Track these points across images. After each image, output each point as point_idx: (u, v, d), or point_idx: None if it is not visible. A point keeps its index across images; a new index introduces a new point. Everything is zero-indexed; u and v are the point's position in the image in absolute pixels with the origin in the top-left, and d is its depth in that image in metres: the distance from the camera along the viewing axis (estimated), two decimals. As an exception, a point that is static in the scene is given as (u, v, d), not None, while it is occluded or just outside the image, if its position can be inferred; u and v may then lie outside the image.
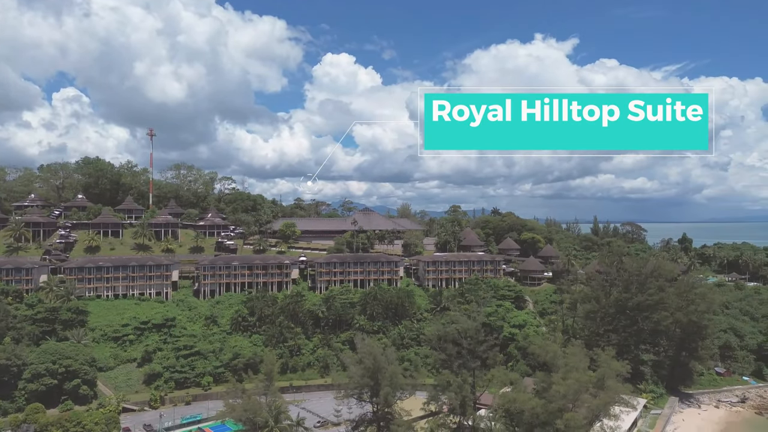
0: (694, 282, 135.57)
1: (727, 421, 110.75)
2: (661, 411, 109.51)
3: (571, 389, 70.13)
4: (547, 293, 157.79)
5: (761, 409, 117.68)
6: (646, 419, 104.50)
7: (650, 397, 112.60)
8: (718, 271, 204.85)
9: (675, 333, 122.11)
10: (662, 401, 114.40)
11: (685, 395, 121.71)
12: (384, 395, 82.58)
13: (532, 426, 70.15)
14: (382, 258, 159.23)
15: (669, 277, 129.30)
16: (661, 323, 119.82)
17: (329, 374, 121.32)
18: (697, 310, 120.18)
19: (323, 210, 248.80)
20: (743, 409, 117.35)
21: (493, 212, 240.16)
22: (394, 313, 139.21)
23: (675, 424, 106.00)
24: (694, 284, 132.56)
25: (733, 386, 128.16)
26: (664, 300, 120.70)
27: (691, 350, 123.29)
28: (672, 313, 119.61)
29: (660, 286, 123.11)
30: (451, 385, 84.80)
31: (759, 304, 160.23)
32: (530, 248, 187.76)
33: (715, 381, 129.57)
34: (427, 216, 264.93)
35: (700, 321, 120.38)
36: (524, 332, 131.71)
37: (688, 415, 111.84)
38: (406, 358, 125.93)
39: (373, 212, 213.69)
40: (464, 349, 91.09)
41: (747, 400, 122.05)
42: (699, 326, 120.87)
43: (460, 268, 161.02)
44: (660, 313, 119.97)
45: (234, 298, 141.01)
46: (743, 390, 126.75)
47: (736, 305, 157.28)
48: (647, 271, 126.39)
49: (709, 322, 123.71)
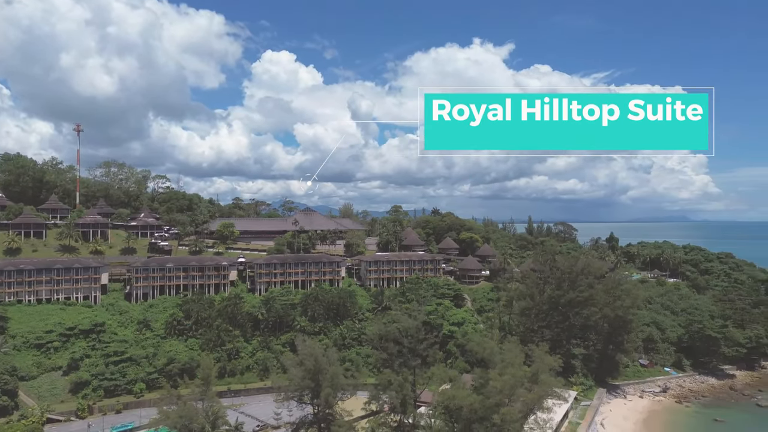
0: (620, 279, 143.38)
1: (650, 410, 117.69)
2: (591, 402, 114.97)
3: (507, 384, 72.30)
4: (484, 291, 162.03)
5: (681, 398, 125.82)
6: (576, 411, 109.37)
7: (580, 390, 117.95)
8: (642, 268, 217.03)
9: (603, 327, 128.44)
10: (591, 393, 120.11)
11: (612, 386, 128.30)
12: (325, 396, 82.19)
13: (471, 422, 71.78)
14: (323, 258, 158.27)
15: (598, 274, 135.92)
16: (591, 318, 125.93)
17: (269, 377, 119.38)
18: (623, 305, 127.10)
19: (263, 210, 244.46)
20: (665, 399, 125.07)
21: (434, 212, 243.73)
22: (335, 313, 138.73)
23: (603, 415, 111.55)
24: (620, 281, 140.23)
25: (656, 377, 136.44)
26: (593, 296, 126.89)
27: (617, 344, 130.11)
28: (600, 308, 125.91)
29: (589, 283, 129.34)
30: (392, 384, 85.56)
31: (678, 299, 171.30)
32: (469, 247, 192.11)
33: (640, 372, 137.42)
34: (369, 216, 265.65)
35: (625, 316, 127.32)
36: (463, 330, 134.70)
37: (615, 406, 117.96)
38: (348, 359, 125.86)
39: (314, 212, 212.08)
40: (405, 348, 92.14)
41: (668, 390, 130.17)
42: (625, 321, 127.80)
43: (402, 267, 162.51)
44: (589, 308, 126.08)
45: (168, 302, 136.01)
46: (665, 380, 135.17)
47: (658, 300, 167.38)
48: (578, 269, 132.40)
49: (633, 316, 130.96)
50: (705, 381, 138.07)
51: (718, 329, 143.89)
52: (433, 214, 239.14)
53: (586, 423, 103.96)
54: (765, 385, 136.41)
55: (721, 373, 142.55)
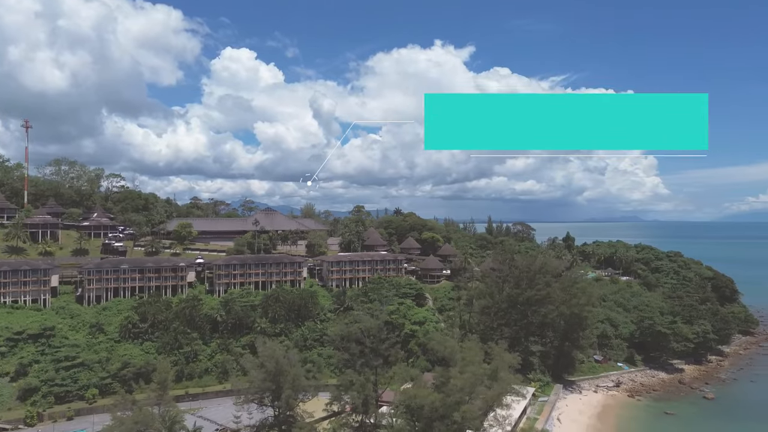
0: (576, 277, 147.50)
1: (604, 404, 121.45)
2: (548, 398, 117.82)
3: (467, 382, 73.30)
4: (445, 290, 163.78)
5: (633, 392, 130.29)
6: (534, 407, 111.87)
7: (538, 386, 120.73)
8: (597, 267, 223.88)
9: (560, 325, 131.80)
10: (549, 389, 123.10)
11: (568, 382, 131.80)
12: (286, 398, 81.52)
13: (432, 420, 72.42)
14: (284, 259, 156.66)
15: (555, 273, 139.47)
16: (548, 316, 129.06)
17: (228, 380, 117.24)
18: (578, 303, 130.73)
19: (222, 210, 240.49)
20: (618, 393, 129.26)
21: (396, 212, 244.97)
22: (297, 314, 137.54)
23: (559, 410, 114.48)
24: (576, 279, 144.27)
25: (610, 372, 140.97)
26: (550, 294, 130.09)
27: (573, 340, 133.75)
28: (557, 306, 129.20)
29: (547, 281, 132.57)
30: (353, 384, 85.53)
31: (631, 296, 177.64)
32: (430, 247, 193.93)
33: (594, 368, 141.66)
34: (331, 216, 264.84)
35: (581, 313, 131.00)
36: (424, 329, 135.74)
37: (571, 401, 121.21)
38: (309, 360, 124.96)
39: (275, 212, 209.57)
40: (367, 348, 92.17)
41: (621, 385, 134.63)
42: (580, 318, 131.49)
43: (364, 267, 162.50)
44: (547, 306, 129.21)
45: (123, 304, 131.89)
46: (618, 375, 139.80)
47: (611, 298, 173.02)
48: (536, 268, 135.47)
49: (588, 314, 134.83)
50: (655, 375, 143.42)
51: (667, 325, 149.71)
52: (396, 214, 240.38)
53: (543, 418, 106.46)
54: (711, 378, 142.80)
55: (671, 368, 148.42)
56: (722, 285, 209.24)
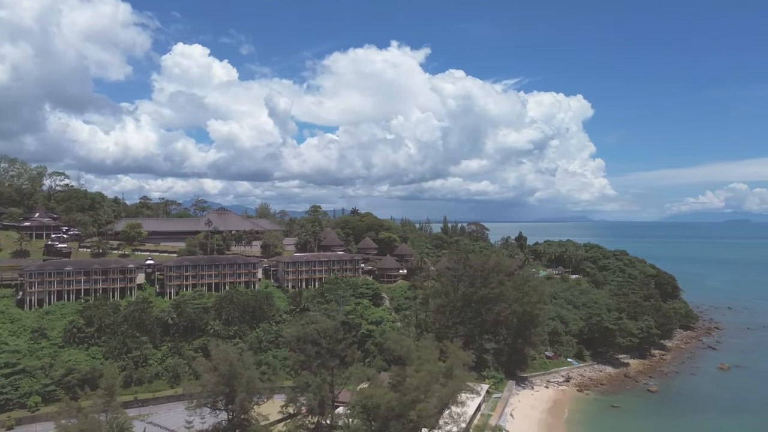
0: (528, 276, 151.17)
1: (555, 399, 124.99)
2: (501, 395, 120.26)
3: (423, 381, 74.01)
4: (402, 290, 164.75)
5: (582, 386, 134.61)
6: (488, 403, 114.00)
7: (492, 383, 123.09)
8: (547, 266, 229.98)
9: (512, 322, 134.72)
10: (502, 385, 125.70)
11: (521, 379, 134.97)
12: (240, 401, 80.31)
13: (388, 419, 72.74)
14: (239, 260, 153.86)
15: (507, 271, 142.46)
16: (501, 314, 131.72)
17: (180, 384, 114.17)
18: (530, 301, 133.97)
19: (173, 209, 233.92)
20: (568, 388, 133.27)
21: (353, 212, 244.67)
22: (251, 316, 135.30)
23: (512, 406, 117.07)
24: (528, 278, 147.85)
25: (560, 368, 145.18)
26: (503, 293, 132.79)
27: (525, 337, 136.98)
28: (510, 304, 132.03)
29: (500, 280, 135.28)
30: (310, 385, 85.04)
31: (580, 294, 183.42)
32: (387, 247, 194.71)
33: (545, 364, 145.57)
34: (287, 216, 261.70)
35: (533, 311, 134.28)
36: (381, 328, 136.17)
37: (523, 397, 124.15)
38: (265, 362, 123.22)
39: (229, 212, 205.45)
40: (323, 349, 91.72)
41: (571, 380, 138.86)
42: (532, 315, 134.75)
43: (320, 267, 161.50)
44: (500, 304, 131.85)
45: (68, 308, 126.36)
46: (567, 371, 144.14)
47: (561, 295, 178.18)
48: (489, 267, 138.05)
49: (540, 311, 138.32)
50: (603, 370, 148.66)
51: (614, 321, 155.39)
52: (353, 214, 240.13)
53: (497, 414, 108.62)
54: (655, 371, 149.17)
55: (617, 362, 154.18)
56: (665, 282, 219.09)
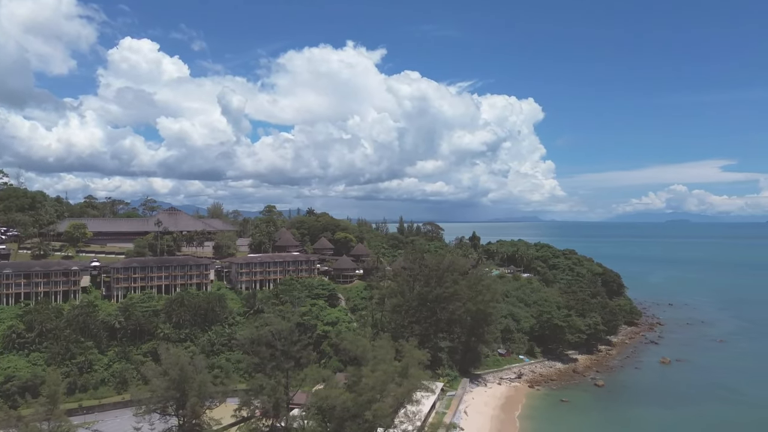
0: (481, 275, 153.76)
1: (507, 395, 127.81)
2: (455, 392, 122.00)
3: (379, 380, 74.23)
4: (358, 290, 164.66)
5: (533, 382, 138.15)
6: (443, 401, 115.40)
7: (446, 381, 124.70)
8: (500, 265, 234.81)
9: (466, 321, 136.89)
10: (456, 383, 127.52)
11: (474, 376, 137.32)
12: (191, 406, 78.40)
13: (343, 420, 72.60)
14: (190, 261, 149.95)
15: (462, 271, 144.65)
16: (456, 312, 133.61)
17: (128, 390, 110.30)
18: (484, 299, 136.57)
19: (120, 209, 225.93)
20: (520, 384, 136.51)
21: (309, 212, 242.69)
22: (203, 318, 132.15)
23: (466, 403, 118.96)
24: (481, 277, 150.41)
25: (512, 365, 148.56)
26: (458, 292, 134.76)
27: (479, 335, 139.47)
28: (464, 303, 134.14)
29: (454, 279, 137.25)
30: (264, 388, 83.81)
31: (531, 292, 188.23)
32: (343, 247, 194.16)
33: (498, 361, 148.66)
34: (240, 216, 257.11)
35: (486, 309, 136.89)
36: (337, 329, 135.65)
37: (477, 394, 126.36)
38: (217, 365, 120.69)
39: (180, 212, 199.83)
40: (278, 351, 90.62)
41: (522, 376, 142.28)
42: (485, 314, 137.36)
43: (275, 268, 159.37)
44: (454, 303, 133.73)
45: (6, 312, 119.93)
46: (519, 367, 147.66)
47: (513, 294, 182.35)
48: (444, 266, 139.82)
49: (493, 309, 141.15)
50: (553, 366, 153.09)
51: (563, 318, 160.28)
52: (308, 214, 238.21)
53: (451, 412, 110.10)
54: (601, 366, 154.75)
55: (566, 358, 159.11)
56: (610, 280, 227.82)
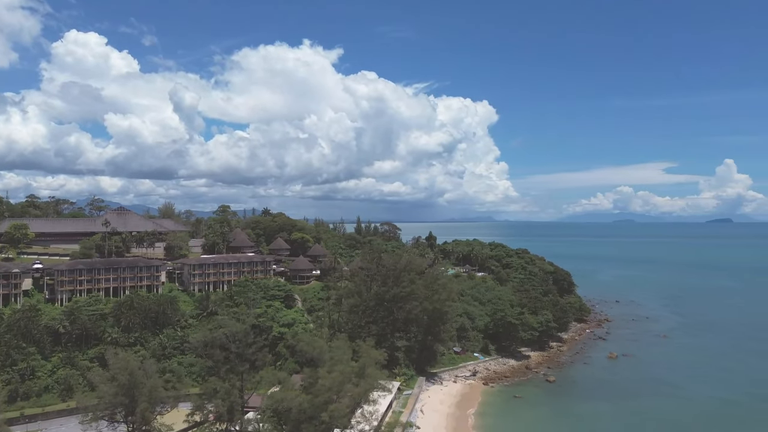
0: (437, 274, 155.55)
1: (462, 393, 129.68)
2: (412, 391, 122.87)
3: (335, 381, 74.00)
4: (315, 291, 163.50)
5: (487, 380, 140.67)
6: (399, 400, 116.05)
7: (403, 380, 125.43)
8: (456, 264, 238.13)
9: (423, 320, 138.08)
10: (413, 382, 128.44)
11: (430, 374, 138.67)
12: (141, 412, 76.00)
13: (300, 422, 71.97)
14: (140, 262, 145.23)
15: (418, 270, 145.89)
16: (412, 312, 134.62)
17: (73, 397, 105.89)
18: (440, 298, 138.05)
19: (65, 209, 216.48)
20: (475, 382, 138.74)
21: (264, 213, 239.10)
22: (154, 321, 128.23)
23: (423, 402, 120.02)
24: (437, 276, 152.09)
25: (467, 362, 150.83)
26: (414, 291, 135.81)
27: (435, 334, 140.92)
28: (421, 302, 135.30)
29: (411, 279, 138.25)
30: (218, 391, 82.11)
31: (485, 291, 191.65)
32: (300, 248, 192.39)
33: (454, 359, 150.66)
34: (193, 216, 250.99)
35: (442, 308, 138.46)
36: (293, 330, 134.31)
37: (433, 392, 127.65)
38: (169, 369, 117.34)
39: (129, 212, 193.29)
40: (232, 353, 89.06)
41: (477, 373, 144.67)
42: (441, 312, 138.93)
43: (229, 270, 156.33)
44: (411, 302, 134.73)
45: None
46: (474, 365, 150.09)
47: (469, 292, 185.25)
48: (401, 266, 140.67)
49: (449, 308, 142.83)
50: (507, 363, 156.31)
51: (516, 316, 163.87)
52: (264, 214, 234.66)
53: (407, 411, 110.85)
54: (553, 362, 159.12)
55: (519, 355, 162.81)
56: (561, 278, 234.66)
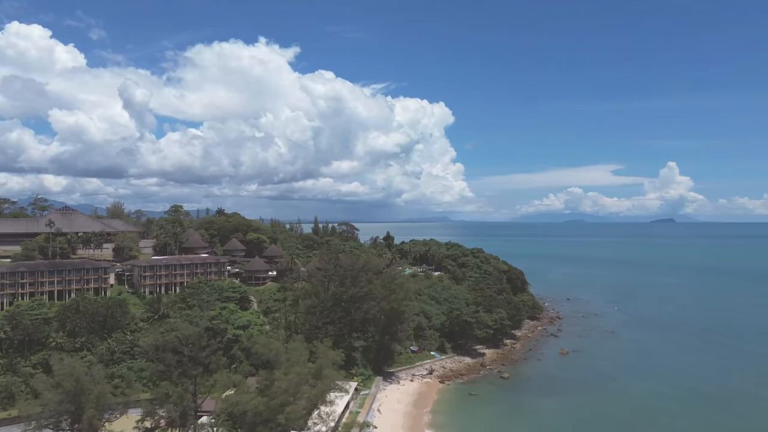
0: (395, 274, 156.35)
1: (419, 391, 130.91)
2: (369, 391, 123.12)
3: (292, 383, 73.48)
4: (271, 292, 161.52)
5: (444, 378, 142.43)
6: (356, 400, 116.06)
7: (360, 380, 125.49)
8: (413, 264, 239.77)
9: (380, 319, 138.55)
10: (370, 382, 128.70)
11: (388, 374, 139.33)
12: (88, 419, 73.36)
13: (255, 425, 71.09)
14: (86, 264, 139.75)
15: (376, 270, 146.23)
16: (370, 312, 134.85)
17: (15, 405, 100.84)
18: (397, 298, 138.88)
19: (6, 209, 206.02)
20: (431, 380, 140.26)
21: (219, 213, 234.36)
22: (101, 326, 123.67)
23: (380, 401, 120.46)
24: (395, 276, 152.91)
25: (424, 361, 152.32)
26: (372, 291, 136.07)
27: (392, 333, 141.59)
28: (378, 302, 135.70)
29: (369, 278, 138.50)
30: (170, 396, 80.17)
31: (442, 290, 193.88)
32: (256, 248, 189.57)
33: (411, 358, 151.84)
34: (143, 216, 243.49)
35: (399, 307, 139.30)
36: (249, 332, 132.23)
37: (390, 392, 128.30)
38: (118, 375, 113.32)
39: (75, 212, 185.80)
40: (185, 357, 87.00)
41: (434, 372, 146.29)
42: (399, 312, 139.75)
43: (182, 271, 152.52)
44: (369, 302, 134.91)
45: None
46: (431, 363, 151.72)
47: (426, 292, 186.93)
48: (359, 266, 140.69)
49: (406, 307, 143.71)
50: (462, 361, 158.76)
51: (472, 314, 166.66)
52: (218, 214, 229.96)
53: (365, 411, 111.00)
54: (507, 359, 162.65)
55: (475, 353, 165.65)
56: (515, 277, 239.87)
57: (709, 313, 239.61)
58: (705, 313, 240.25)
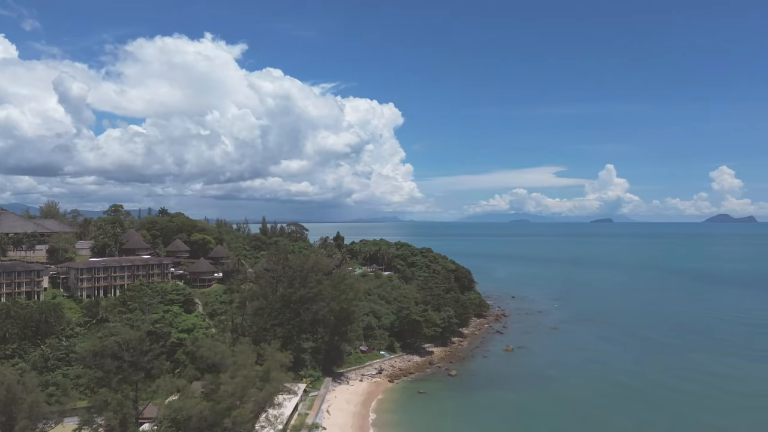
0: (344, 274, 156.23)
1: (368, 391, 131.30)
2: (318, 392, 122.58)
3: (238, 386, 72.25)
4: (217, 294, 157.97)
5: (393, 377, 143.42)
6: (305, 402, 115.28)
7: (309, 381, 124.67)
8: (363, 264, 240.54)
9: (330, 320, 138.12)
10: (319, 383, 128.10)
11: (337, 374, 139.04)
12: (21, 430, 69.68)
13: (200, 430, 69.46)
14: (18, 267, 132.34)
15: (326, 270, 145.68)
16: (320, 312, 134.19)
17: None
18: (347, 298, 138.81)
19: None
20: (380, 379, 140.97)
21: (161, 212, 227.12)
22: (35, 331, 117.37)
23: (329, 402, 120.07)
24: (344, 276, 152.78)
25: (374, 360, 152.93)
26: (321, 292, 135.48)
27: (342, 334, 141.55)
28: (328, 302, 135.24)
29: (318, 279, 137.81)
30: (109, 403, 77.26)
31: (392, 289, 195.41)
32: (201, 249, 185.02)
33: (360, 358, 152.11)
34: (81, 216, 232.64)
35: (349, 308, 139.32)
36: (193, 336, 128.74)
37: (339, 392, 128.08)
38: (52, 382, 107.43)
39: (5, 211, 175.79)
40: (125, 362, 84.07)
41: (383, 371, 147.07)
42: (348, 312, 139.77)
43: (122, 273, 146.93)
44: (318, 303, 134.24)
45: None
46: (380, 363, 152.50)
47: (375, 291, 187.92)
48: (308, 267, 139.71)
49: (356, 308, 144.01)
50: (411, 359, 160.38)
51: (420, 313, 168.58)
52: (161, 214, 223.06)
53: (313, 412, 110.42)
54: (454, 357, 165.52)
55: (423, 351, 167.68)
56: (462, 276, 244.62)
57: (640, 310, 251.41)
58: (637, 310, 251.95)
